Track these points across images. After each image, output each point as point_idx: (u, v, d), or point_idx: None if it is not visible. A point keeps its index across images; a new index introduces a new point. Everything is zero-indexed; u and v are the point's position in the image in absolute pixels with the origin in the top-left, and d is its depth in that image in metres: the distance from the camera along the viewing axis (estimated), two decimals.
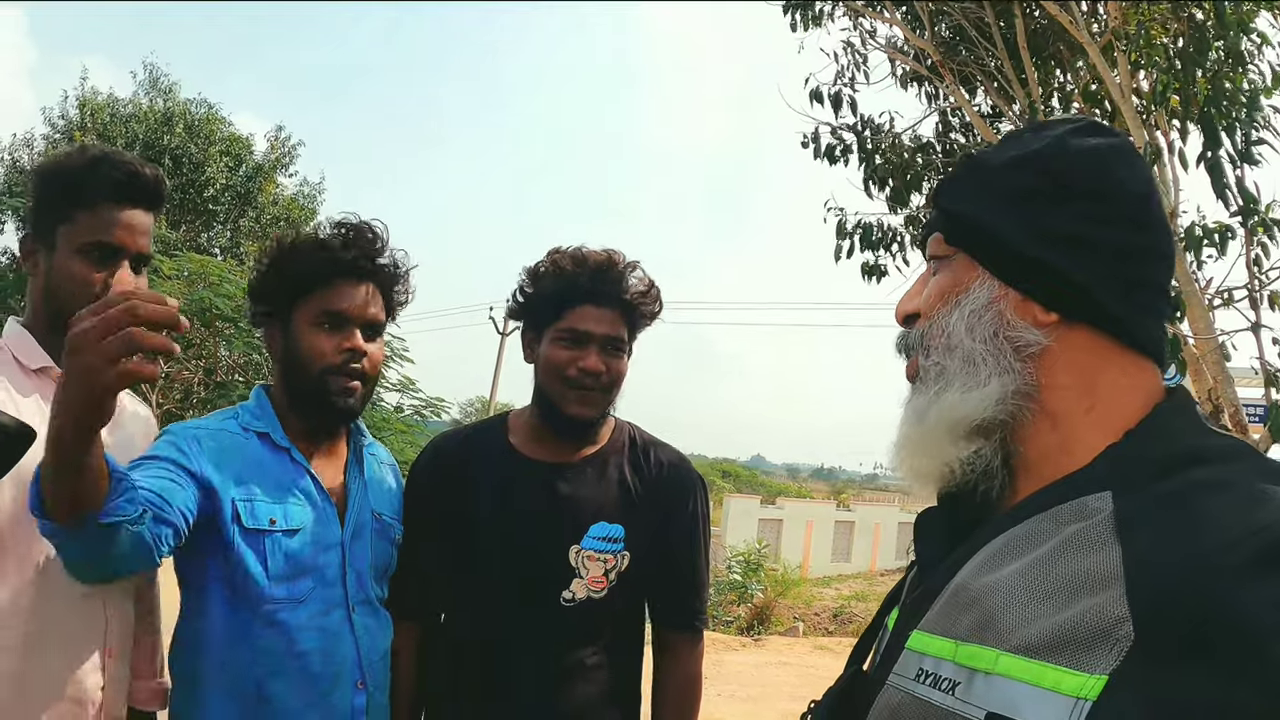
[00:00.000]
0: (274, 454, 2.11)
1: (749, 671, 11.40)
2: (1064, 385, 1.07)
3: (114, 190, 1.95)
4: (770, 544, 25.88)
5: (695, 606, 2.40)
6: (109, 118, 20.08)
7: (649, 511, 2.30)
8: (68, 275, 1.94)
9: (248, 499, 2.01)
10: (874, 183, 7.17)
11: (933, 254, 1.20)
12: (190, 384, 13.14)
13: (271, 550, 2.01)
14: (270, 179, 21.63)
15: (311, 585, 2.06)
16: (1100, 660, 0.85)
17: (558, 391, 2.23)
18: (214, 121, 20.88)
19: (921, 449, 1.14)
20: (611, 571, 2.24)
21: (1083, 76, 5.98)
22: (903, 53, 7.02)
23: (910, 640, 1.08)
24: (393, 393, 15.00)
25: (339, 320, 2.11)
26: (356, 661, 2.10)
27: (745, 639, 14.96)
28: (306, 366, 2.10)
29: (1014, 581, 0.97)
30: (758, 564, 20.79)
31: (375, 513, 2.23)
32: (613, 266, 2.24)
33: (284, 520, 2.04)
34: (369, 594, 2.18)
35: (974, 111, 6.74)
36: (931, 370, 1.14)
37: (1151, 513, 0.91)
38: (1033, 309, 1.08)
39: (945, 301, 1.14)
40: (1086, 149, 1.09)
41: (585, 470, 2.30)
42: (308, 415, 2.17)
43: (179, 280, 11.80)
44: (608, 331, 2.23)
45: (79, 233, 1.94)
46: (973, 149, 6.79)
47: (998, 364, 1.08)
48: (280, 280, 2.14)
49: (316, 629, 2.05)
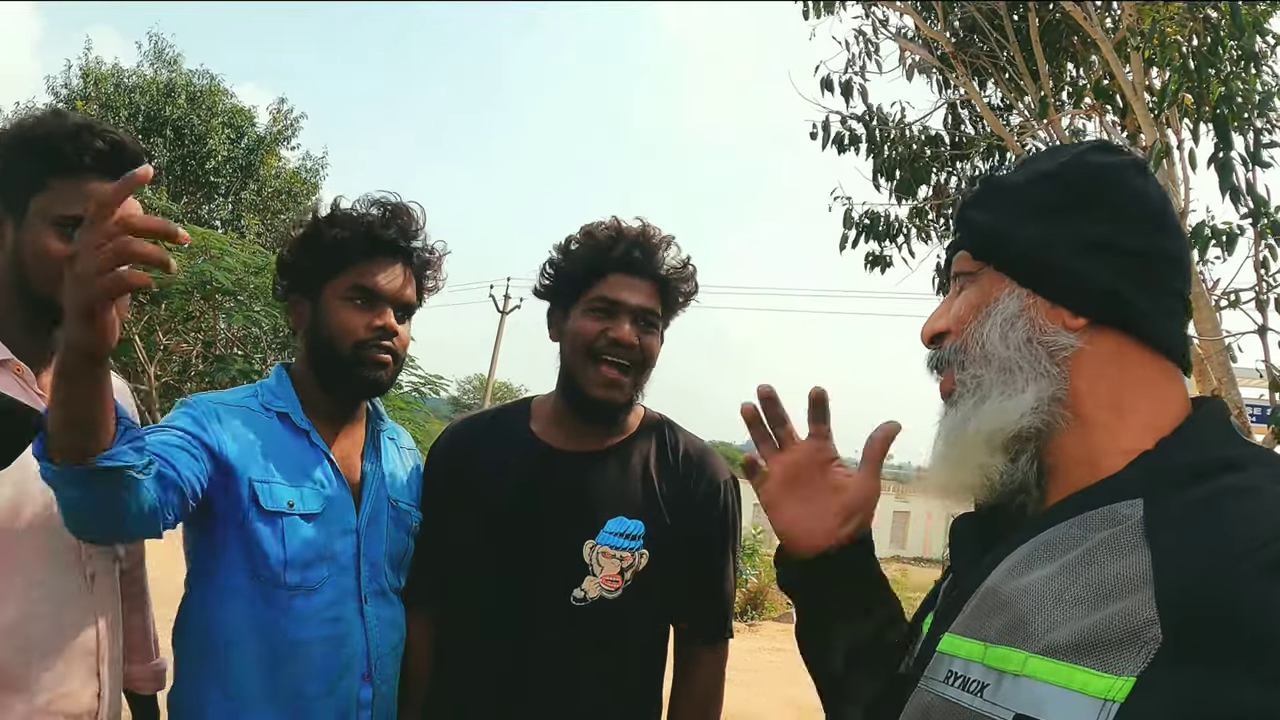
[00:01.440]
0: (294, 435, 2.07)
1: (743, 657, 11.43)
2: (1096, 390, 1.09)
3: (97, 160, 1.80)
4: (765, 530, 25.92)
5: (721, 614, 2.26)
6: (113, 88, 19.95)
7: (673, 508, 2.17)
8: (39, 249, 1.78)
9: (265, 480, 1.97)
10: (882, 174, 7.15)
11: (959, 271, 1.22)
12: (189, 356, 13.10)
13: (289, 533, 1.97)
14: (272, 152, 21.52)
15: (326, 573, 2.02)
16: (1128, 662, 0.86)
17: (585, 368, 2.11)
18: (216, 93, 20.75)
19: (961, 462, 1.16)
20: (628, 570, 2.11)
21: (1095, 72, 5.95)
22: (914, 42, 6.98)
23: (941, 643, 1.10)
24: None
25: (372, 297, 2.07)
26: (365, 653, 2.06)
27: (740, 624, 15.01)
28: (337, 341, 2.06)
29: (1044, 585, 0.98)
30: (753, 549, 20.79)
31: (392, 499, 2.18)
32: (649, 237, 2.16)
33: (301, 504, 2.00)
34: (383, 584, 2.14)
35: (984, 103, 6.70)
36: (969, 383, 1.16)
37: (1180, 518, 0.92)
38: (1062, 314, 1.10)
39: (976, 314, 1.16)
40: (1106, 163, 1.13)
41: (607, 460, 2.19)
42: (335, 389, 2.13)
43: (180, 253, 11.74)
44: (642, 302, 2.13)
45: (55, 204, 1.78)
46: (982, 141, 6.78)
47: (1034, 369, 1.10)
48: (316, 253, 2.10)
49: (329, 619, 2.02)
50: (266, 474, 1.98)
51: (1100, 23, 5.14)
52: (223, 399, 2.05)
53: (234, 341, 13.34)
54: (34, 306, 1.81)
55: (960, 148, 7.11)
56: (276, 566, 1.96)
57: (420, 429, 12.26)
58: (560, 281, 2.21)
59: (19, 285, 1.81)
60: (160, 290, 11.41)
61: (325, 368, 2.11)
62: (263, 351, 12.77)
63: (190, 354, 13.14)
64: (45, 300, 1.77)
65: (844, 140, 7.16)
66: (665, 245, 2.18)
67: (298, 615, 1.98)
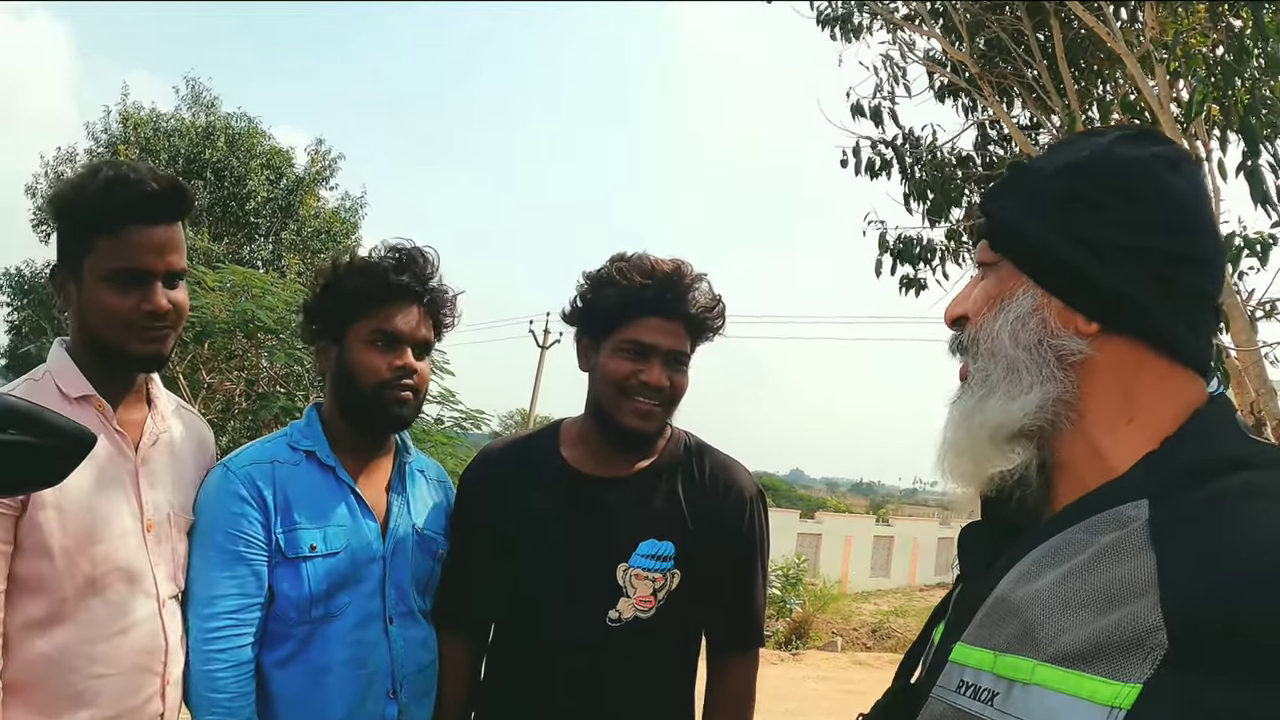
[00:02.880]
0: (320, 472, 2.18)
1: (787, 686, 11.35)
2: (1105, 395, 1.06)
3: (131, 212, 1.89)
4: (809, 558, 25.73)
5: (752, 625, 2.30)
6: (151, 132, 20.32)
7: (702, 527, 2.19)
8: (98, 305, 1.90)
9: (288, 529, 2.09)
10: (914, 197, 7.16)
11: (980, 260, 1.21)
12: (232, 395, 13.26)
13: (312, 574, 2.09)
14: (311, 192, 21.79)
15: (348, 599, 2.12)
16: (1134, 669, 0.85)
17: (616, 402, 2.14)
18: (255, 135, 21.03)
19: (965, 453, 1.15)
20: (660, 590, 2.14)
21: (1122, 87, 5.94)
22: (941, 65, 7.01)
23: (953, 653, 1.09)
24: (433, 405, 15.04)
25: (392, 340, 2.18)
26: (390, 671, 2.14)
27: (784, 653, 14.91)
28: (361, 382, 2.16)
29: (1050, 592, 0.97)
30: (796, 578, 20.66)
31: (417, 527, 2.27)
32: (681, 278, 2.15)
33: (324, 544, 2.11)
34: (410, 605, 2.22)
35: (1012, 123, 6.71)
36: (977, 375, 1.15)
37: (1186, 520, 0.91)
38: (1075, 318, 1.08)
39: (990, 307, 1.15)
40: (1132, 157, 1.08)
41: (637, 484, 2.21)
42: (361, 426, 2.24)
43: (222, 292, 11.91)
44: (673, 345, 2.14)
45: (103, 260, 1.89)
46: (1012, 160, 6.77)
47: (1040, 372, 1.08)
48: (336, 301, 2.22)
49: (352, 641, 2.11)
50: (289, 522, 2.10)
51: (1124, 37, 5.14)
52: (254, 457, 2.16)
53: (276, 379, 13.46)
54: (106, 354, 1.95)
55: (991, 168, 7.11)
56: (302, 605, 2.08)
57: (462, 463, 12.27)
58: (591, 315, 2.22)
59: (90, 337, 1.95)
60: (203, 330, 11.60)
61: (351, 406, 2.21)
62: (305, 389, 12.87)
63: (234, 392, 13.27)
64: (115, 349, 1.93)
65: (875, 166, 7.19)
66: (696, 284, 2.17)
67: (322, 642, 2.10)
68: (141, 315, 1.91)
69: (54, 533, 1.82)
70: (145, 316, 1.91)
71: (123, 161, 2.07)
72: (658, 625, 2.15)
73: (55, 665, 1.83)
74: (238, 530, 2.06)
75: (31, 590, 1.82)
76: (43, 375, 1.95)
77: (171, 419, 2.14)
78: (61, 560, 1.83)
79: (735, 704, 2.31)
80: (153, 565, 1.98)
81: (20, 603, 1.81)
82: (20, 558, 1.80)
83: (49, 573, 1.82)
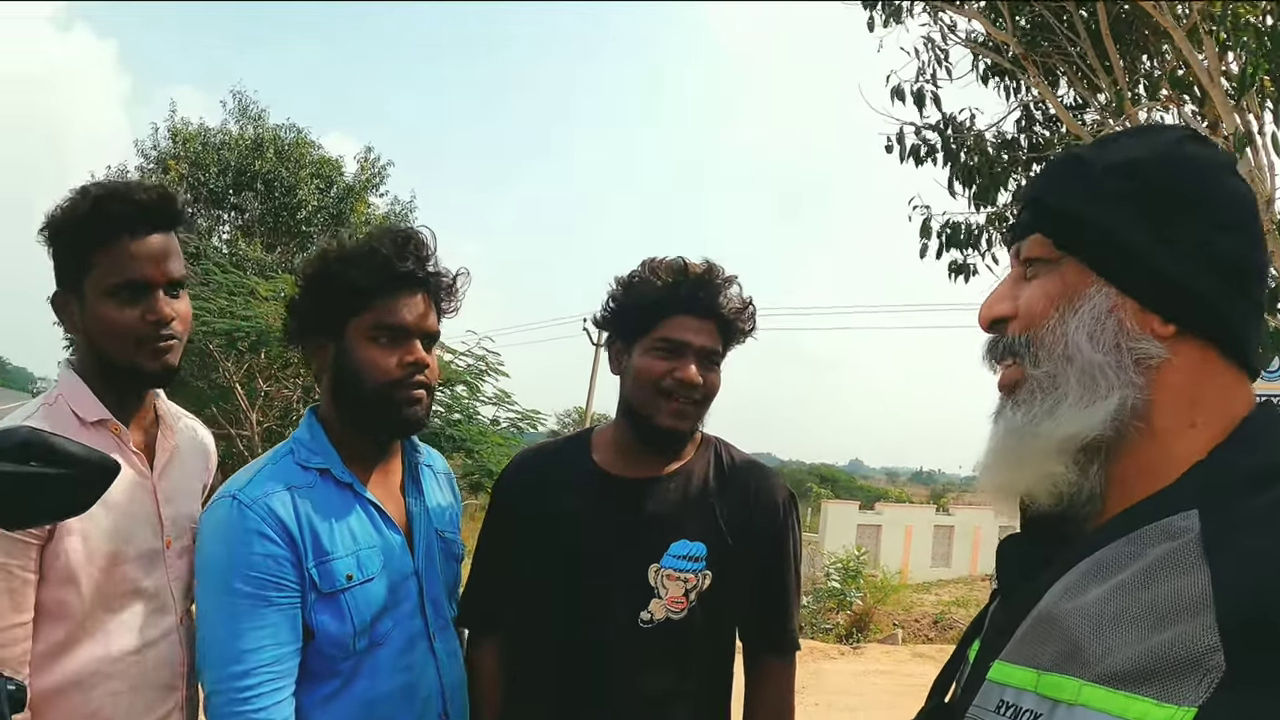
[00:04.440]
0: (339, 492, 2.02)
1: (847, 680, 11.25)
2: (1173, 400, 1.02)
3: (123, 225, 1.89)
4: (869, 550, 25.52)
5: (786, 627, 2.31)
6: (200, 146, 20.69)
7: (734, 528, 2.21)
8: (103, 321, 1.90)
9: (320, 561, 1.93)
10: (959, 180, 7.07)
11: (1032, 255, 1.13)
12: (289, 401, 13.49)
13: (352, 606, 1.94)
14: (361, 199, 22.05)
15: (390, 625, 2.01)
16: (1189, 691, 0.82)
17: (652, 402, 2.15)
18: (303, 145, 21.35)
19: (1026, 465, 1.08)
20: (692, 591, 2.16)
21: (1169, 62, 5.80)
22: (984, 46, 6.90)
23: (991, 671, 1.06)
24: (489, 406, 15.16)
25: (398, 333, 2.01)
26: (440, 692, 2.09)
27: (844, 647, 14.79)
28: (368, 382, 1.99)
29: (1098, 608, 0.94)
30: (856, 570, 20.49)
31: (438, 531, 2.21)
32: (713, 277, 2.18)
33: (359, 571, 1.97)
34: (445, 617, 2.18)
35: (1058, 103, 6.58)
36: (1043, 381, 1.08)
37: (1241, 532, 0.87)
38: (1151, 320, 1.03)
39: (1058, 309, 1.08)
40: (1204, 156, 1.06)
41: (668, 485, 2.23)
42: (370, 431, 2.09)
43: (276, 301, 12.09)
44: (706, 343, 2.16)
45: (103, 276, 1.89)
46: (1058, 143, 6.65)
47: (1119, 377, 1.03)
48: (332, 295, 2.03)
49: (402, 668, 2.03)
50: (320, 554, 1.93)
51: (1170, 10, 5.01)
52: (266, 486, 1.95)
53: None
54: (115, 373, 1.95)
55: (1037, 150, 6.99)
56: (346, 641, 1.94)
57: None
58: (623, 317, 2.24)
59: (98, 356, 1.94)
60: (259, 339, 11.80)
61: (359, 410, 2.05)
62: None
63: (291, 399, 13.52)
64: (124, 366, 1.92)
65: (920, 151, 7.11)
66: (728, 285, 2.20)
67: (370, 673, 1.98)
68: (147, 326, 1.90)
69: (79, 560, 1.83)
70: (151, 327, 1.91)
71: (111, 181, 2.08)
72: (689, 626, 2.16)
73: (74, 685, 1.85)
74: (265, 574, 1.86)
75: (55, 617, 1.83)
76: (56, 399, 1.95)
77: (177, 430, 2.15)
78: (86, 586, 1.84)
79: (773, 710, 2.31)
80: (170, 581, 1.99)
81: (42, 630, 1.82)
82: (44, 586, 1.82)
83: (73, 599, 1.84)
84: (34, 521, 1.33)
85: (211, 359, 12.03)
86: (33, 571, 1.79)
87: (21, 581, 1.77)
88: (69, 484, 1.18)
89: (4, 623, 1.76)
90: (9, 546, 1.75)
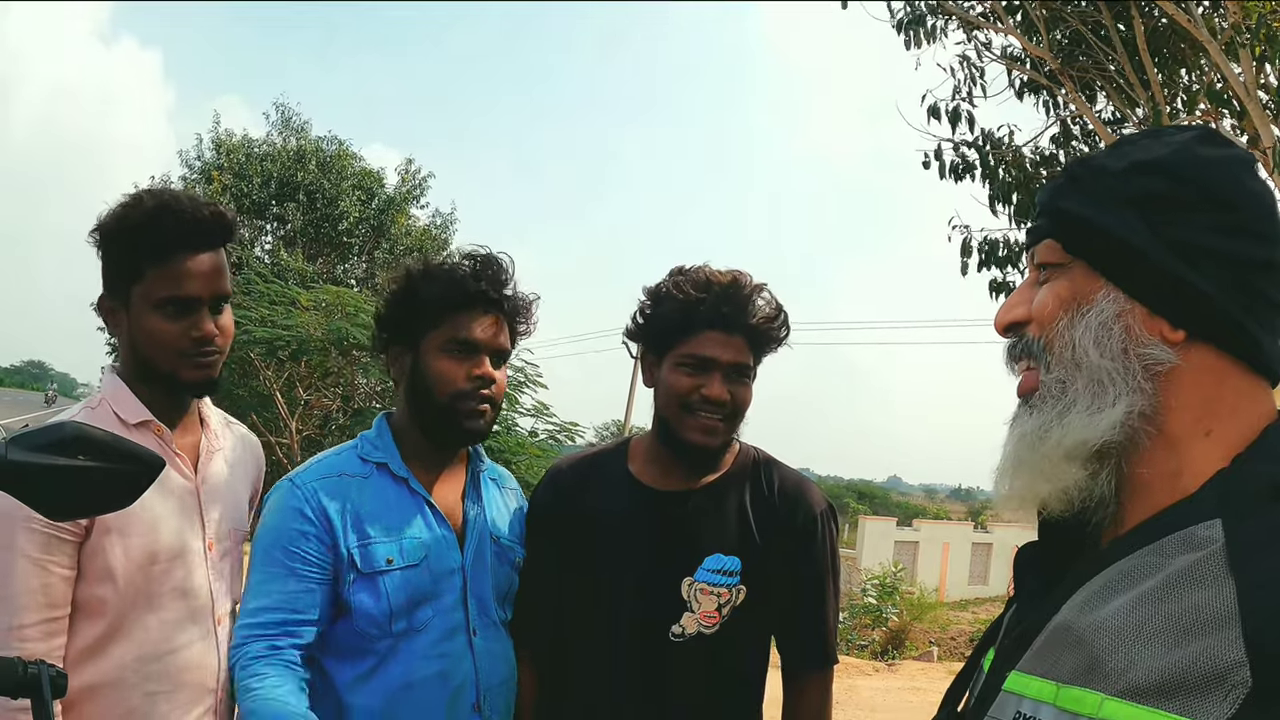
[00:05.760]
0: (394, 485, 2.15)
1: (881, 697, 11.17)
2: (1185, 407, 1.00)
3: (178, 241, 1.91)
4: (906, 566, 25.35)
5: (824, 643, 2.24)
6: (244, 157, 20.90)
7: (770, 543, 2.17)
8: (149, 332, 1.93)
9: (363, 543, 2.05)
10: (998, 200, 7.04)
11: (1044, 261, 1.12)
12: (329, 410, 13.62)
13: (390, 588, 2.04)
14: (402, 211, 22.20)
15: (431, 614, 2.09)
16: (1214, 708, 0.81)
17: (678, 418, 2.12)
18: (345, 157, 21.51)
19: (1037, 472, 1.07)
20: (725, 606, 2.13)
21: (1207, 75, 5.75)
22: (1020, 62, 6.87)
23: (1008, 681, 1.04)
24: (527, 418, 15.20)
25: (469, 348, 2.13)
26: (474, 684, 2.12)
27: (879, 663, 14.68)
28: (437, 391, 2.12)
29: (1119, 620, 0.92)
30: (893, 587, 20.36)
31: (494, 536, 2.25)
32: (739, 290, 2.11)
33: (400, 557, 2.07)
34: (492, 617, 2.21)
35: (1095, 118, 6.55)
36: (1053, 387, 1.07)
37: (1267, 543, 0.86)
38: (1160, 325, 1.01)
39: (1066, 312, 1.07)
40: (1217, 158, 1.03)
41: (703, 498, 2.19)
42: (436, 437, 2.20)
43: (317, 311, 12.23)
44: (733, 358, 2.10)
45: (152, 289, 1.91)
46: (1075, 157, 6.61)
47: (1127, 384, 1.01)
48: (412, 308, 2.17)
49: (436, 655, 2.08)
50: (363, 537, 2.06)
51: (1207, 24, 4.98)
52: (322, 471, 2.13)
53: (373, 395, 13.79)
54: (159, 379, 1.99)
55: None
56: (382, 620, 2.04)
57: None
58: (650, 331, 2.21)
59: (142, 364, 1.98)
60: (299, 348, 11.93)
61: (426, 417, 2.17)
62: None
63: (330, 408, 13.64)
64: (167, 374, 1.97)
65: (959, 168, 7.09)
66: (757, 294, 2.14)
67: (406, 657, 2.06)
68: (191, 342, 1.94)
69: (118, 558, 1.86)
70: (194, 343, 1.95)
71: (164, 189, 2.11)
72: (721, 641, 2.13)
73: (110, 683, 1.87)
74: (295, 547, 2.02)
75: (91, 614, 1.86)
76: (99, 402, 1.99)
77: (223, 435, 2.20)
78: (123, 584, 1.87)
79: None
80: (212, 583, 2.03)
81: (79, 627, 1.86)
82: (82, 583, 1.85)
83: (111, 597, 1.87)
84: (79, 514, 1.36)
85: (252, 367, 12.15)
86: (68, 568, 1.82)
87: (59, 578, 1.81)
88: (114, 478, 1.19)
89: (39, 616, 1.79)
90: (45, 542, 1.79)
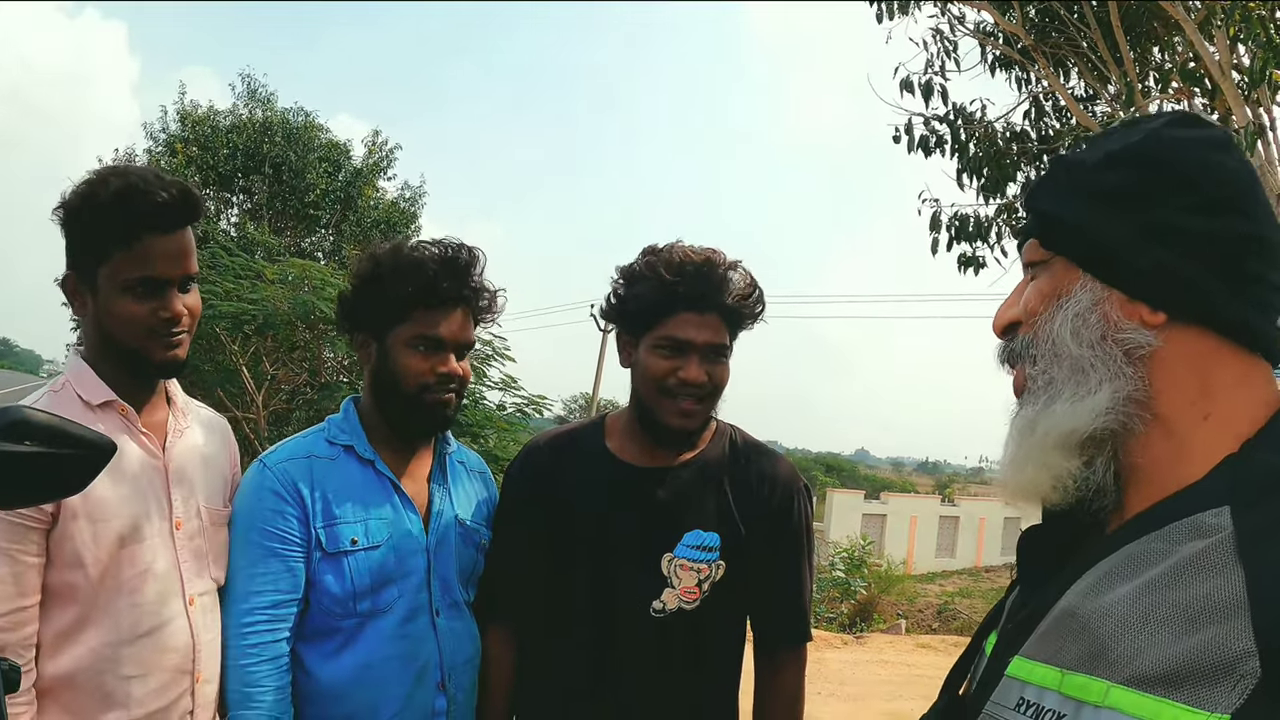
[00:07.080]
0: (360, 467, 2.19)
1: (849, 670, 11.26)
2: (1177, 390, 1.00)
3: (145, 223, 1.88)
4: (874, 540, 25.58)
5: (798, 618, 2.28)
6: (210, 129, 20.56)
7: (748, 519, 2.19)
8: (117, 314, 1.91)
9: (328, 524, 2.10)
10: (968, 174, 7.05)
11: (1029, 260, 1.15)
12: (296, 384, 13.50)
13: (353, 568, 2.10)
14: (370, 183, 21.95)
15: (396, 594, 2.14)
16: (1222, 697, 0.80)
17: (657, 401, 2.13)
18: (312, 129, 21.19)
19: (1033, 464, 1.08)
20: (705, 581, 2.15)
21: (1180, 54, 5.76)
22: (992, 37, 6.86)
23: (1010, 667, 1.04)
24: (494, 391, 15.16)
25: (435, 344, 2.16)
26: (439, 663, 2.16)
27: (847, 636, 14.79)
28: (402, 384, 2.16)
29: (1127, 607, 0.91)
30: (861, 560, 20.53)
31: (459, 518, 2.27)
32: (713, 270, 2.10)
33: (365, 538, 2.12)
34: (456, 597, 2.24)
35: (1068, 94, 6.56)
36: (1039, 379, 1.08)
37: (1277, 532, 0.85)
38: (1139, 309, 1.02)
39: (1046, 307, 1.09)
40: (1185, 139, 1.03)
41: (682, 475, 2.21)
42: (401, 425, 2.24)
43: (283, 285, 12.08)
44: (710, 339, 2.10)
45: (120, 270, 1.89)
46: (1068, 134, 6.62)
47: (1107, 369, 1.02)
48: (377, 302, 2.19)
49: (401, 636, 2.12)
50: (329, 518, 2.11)
51: (1182, 2, 4.97)
52: (291, 453, 2.19)
53: (340, 368, 13.68)
54: (125, 359, 1.96)
55: (1046, 142, 6.95)
56: (346, 600, 2.10)
57: None
58: (625, 313, 2.20)
59: (108, 344, 1.95)
60: (265, 322, 11.79)
61: (392, 407, 2.22)
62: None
63: (298, 382, 13.51)
64: (131, 353, 1.94)
65: (929, 142, 7.09)
66: (731, 271, 2.13)
67: (372, 637, 2.11)
68: (160, 322, 1.92)
69: (86, 543, 1.84)
70: (163, 324, 1.93)
71: (129, 167, 2.05)
72: (702, 617, 2.16)
73: (85, 669, 1.85)
74: (273, 527, 2.07)
75: (63, 600, 1.84)
76: (62, 385, 1.97)
77: (191, 415, 2.17)
78: (94, 569, 1.85)
79: (785, 700, 2.30)
80: (180, 564, 2.00)
81: (51, 613, 1.84)
82: (51, 569, 1.83)
83: (81, 582, 1.85)
84: (28, 501, 1.32)
85: (217, 342, 12.00)
86: (35, 555, 1.80)
87: (25, 566, 1.78)
88: (65, 464, 1.16)
89: (9, 606, 1.77)
90: (9, 531, 1.77)
